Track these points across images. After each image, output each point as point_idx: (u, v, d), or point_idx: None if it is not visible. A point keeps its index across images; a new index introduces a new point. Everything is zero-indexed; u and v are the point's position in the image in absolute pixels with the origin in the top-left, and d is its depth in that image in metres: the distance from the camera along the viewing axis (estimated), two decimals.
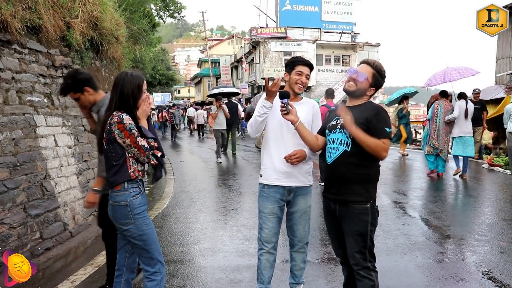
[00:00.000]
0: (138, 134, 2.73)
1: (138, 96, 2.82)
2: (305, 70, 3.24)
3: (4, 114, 4.34)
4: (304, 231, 3.32)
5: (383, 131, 2.70)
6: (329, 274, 4.10)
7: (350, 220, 2.77)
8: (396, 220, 5.96)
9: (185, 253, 4.80)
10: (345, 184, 2.78)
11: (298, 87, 3.24)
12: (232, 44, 58.08)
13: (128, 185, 2.77)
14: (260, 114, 3.18)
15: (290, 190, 3.23)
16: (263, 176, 3.29)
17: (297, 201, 3.26)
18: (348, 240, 2.82)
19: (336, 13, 33.56)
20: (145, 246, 2.84)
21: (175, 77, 52.89)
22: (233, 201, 7.33)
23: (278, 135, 3.22)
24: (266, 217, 3.24)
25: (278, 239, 3.31)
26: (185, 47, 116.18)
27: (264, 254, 3.27)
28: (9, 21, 4.42)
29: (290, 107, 3.02)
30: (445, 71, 11.08)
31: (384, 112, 2.79)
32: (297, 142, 3.15)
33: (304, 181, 3.26)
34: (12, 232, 4.14)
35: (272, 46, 30.24)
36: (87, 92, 3.39)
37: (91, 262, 4.51)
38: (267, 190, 3.25)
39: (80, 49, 6.17)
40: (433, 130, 9.34)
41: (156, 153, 2.77)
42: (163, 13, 20.29)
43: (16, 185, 4.30)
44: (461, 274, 4.09)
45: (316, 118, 3.33)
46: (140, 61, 14.40)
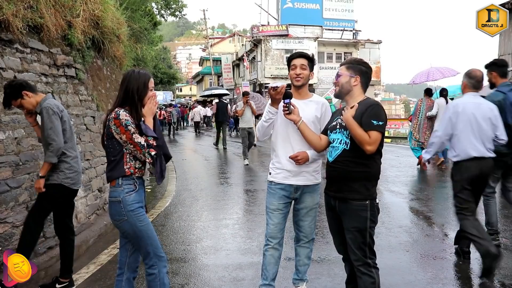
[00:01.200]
0: (134, 130, 2.74)
1: (143, 93, 2.84)
2: (297, 62, 3.20)
3: (6, 114, 4.34)
4: (309, 227, 3.34)
5: (370, 123, 2.69)
6: (331, 271, 4.10)
7: (349, 216, 2.79)
8: (399, 217, 5.96)
9: (188, 251, 4.81)
10: (345, 182, 2.80)
11: (295, 81, 3.23)
12: (234, 42, 58.06)
13: (123, 181, 2.79)
14: (266, 119, 3.23)
15: (297, 188, 3.24)
16: (271, 174, 3.32)
17: (304, 198, 3.28)
18: (348, 236, 2.84)
19: (338, 11, 33.53)
20: (140, 242, 2.87)
21: (176, 76, 52.96)
22: (235, 199, 7.34)
23: (284, 134, 3.24)
24: (272, 213, 3.26)
25: (283, 236, 3.32)
26: (186, 46, 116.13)
27: (269, 249, 3.28)
28: (11, 21, 4.41)
29: (293, 107, 3.05)
30: (428, 70, 11.74)
31: (377, 107, 2.78)
32: (303, 141, 3.16)
33: (311, 179, 3.27)
34: (14, 231, 4.15)
35: (274, 44, 30.22)
36: (26, 96, 3.65)
37: (94, 261, 4.52)
38: (274, 187, 3.28)
39: (81, 48, 6.17)
40: (415, 124, 10.45)
41: (151, 151, 2.77)
42: (164, 11, 20.32)
43: (19, 184, 4.31)
44: (463, 271, 4.09)
45: (325, 116, 3.29)
46: (141, 59, 14.39)
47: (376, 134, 2.69)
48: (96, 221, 5.79)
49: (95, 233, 5.41)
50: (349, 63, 2.95)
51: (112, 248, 4.90)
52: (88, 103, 6.40)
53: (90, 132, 6.25)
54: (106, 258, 4.61)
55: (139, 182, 2.89)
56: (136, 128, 2.78)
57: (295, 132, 3.18)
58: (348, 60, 2.99)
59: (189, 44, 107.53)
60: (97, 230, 5.51)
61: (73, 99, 5.88)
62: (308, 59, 3.23)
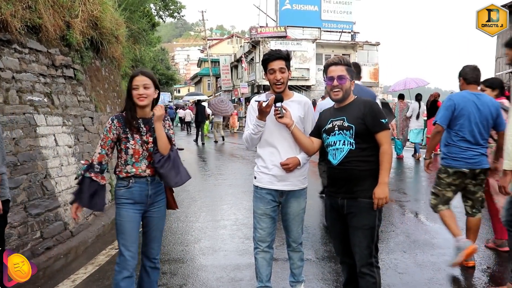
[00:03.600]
0: (103, 138, 2.92)
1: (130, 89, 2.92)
2: (276, 65, 3.04)
3: (5, 114, 4.34)
4: (297, 232, 3.29)
5: (381, 124, 2.78)
6: (329, 272, 4.10)
7: (359, 214, 2.79)
8: (396, 218, 5.97)
9: (186, 252, 4.81)
10: (355, 181, 2.81)
11: (276, 87, 3.07)
12: (232, 44, 58.07)
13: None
14: (255, 132, 3.11)
15: (283, 192, 3.18)
16: (256, 178, 3.26)
17: (290, 203, 3.21)
18: (356, 235, 2.82)
19: (336, 12, 33.53)
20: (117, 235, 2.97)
21: (175, 77, 52.92)
22: (233, 200, 7.34)
23: (270, 140, 3.16)
24: (259, 217, 3.22)
25: (274, 238, 3.30)
26: (184, 47, 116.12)
27: (259, 253, 3.26)
28: (9, 21, 4.42)
29: (284, 110, 2.99)
30: (405, 80, 14.85)
31: (375, 105, 2.86)
32: (289, 147, 3.13)
33: (297, 185, 3.20)
34: (12, 232, 4.15)
35: (272, 45, 30.18)
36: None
37: (92, 261, 4.52)
38: (260, 191, 3.22)
39: (80, 49, 6.17)
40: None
41: (91, 175, 2.89)
42: (162, 12, 20.32)
43: (17, 184, 4.30)
44: (461, 272, 4.10)
45: (308, 116, 3.23)
46: (140, 60, 14.40)
47: (387, 132, 2.81)
48: (94, 221, 5.78)
49: (93, 234, 5.41)
50: (346, 64, 2.90)
51: (110, 249, 4.89)
52: (86, 104, 6.40)
53: (88, 133, 6.25)
54: (104, 258, 4.61)
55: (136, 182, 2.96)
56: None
57: (281, 138, 3.12)
58: (344, 61, 2.92)
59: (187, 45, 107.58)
60: (95, 231, 5.51)
61: (72, 100, 5.88)
62: (285, 60, 3.08)
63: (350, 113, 2.83)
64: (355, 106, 2.84)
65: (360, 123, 2.77)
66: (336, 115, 2.91)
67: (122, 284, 2.86)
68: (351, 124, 2.81)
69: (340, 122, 2.86)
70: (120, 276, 2.87)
